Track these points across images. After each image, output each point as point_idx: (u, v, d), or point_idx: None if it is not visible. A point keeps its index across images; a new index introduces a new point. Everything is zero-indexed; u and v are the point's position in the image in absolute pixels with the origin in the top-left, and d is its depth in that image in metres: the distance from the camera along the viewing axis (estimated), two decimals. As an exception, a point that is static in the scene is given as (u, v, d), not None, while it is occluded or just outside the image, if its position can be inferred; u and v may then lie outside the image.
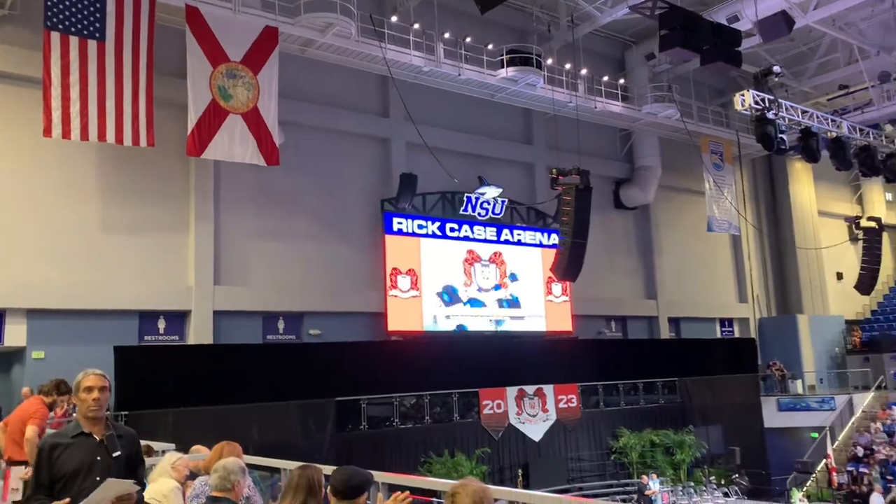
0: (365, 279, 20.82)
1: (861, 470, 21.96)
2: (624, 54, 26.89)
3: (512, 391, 20.48)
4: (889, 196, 36.53)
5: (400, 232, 21.33)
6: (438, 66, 20.05)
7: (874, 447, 23.18)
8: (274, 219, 19.56)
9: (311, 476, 4.24)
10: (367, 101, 21.77)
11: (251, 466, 5.09)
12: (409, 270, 21.29)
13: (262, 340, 18.96)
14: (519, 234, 23.98)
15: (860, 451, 23.20)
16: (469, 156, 23.14)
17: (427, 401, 19.21)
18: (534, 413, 20.74)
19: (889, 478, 21.45)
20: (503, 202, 23.13)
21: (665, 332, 27.57)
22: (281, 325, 19.45)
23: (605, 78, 23.94)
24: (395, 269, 21.01)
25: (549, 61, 22.31)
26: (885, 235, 27.64)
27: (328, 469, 4.22)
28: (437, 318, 21.65)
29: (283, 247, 19.55)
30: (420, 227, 21.74)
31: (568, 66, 22.72)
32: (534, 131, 25.33)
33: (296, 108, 19.50)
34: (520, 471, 19.37)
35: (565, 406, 21.36)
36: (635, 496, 19.54)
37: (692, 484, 21.03)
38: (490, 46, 21.10)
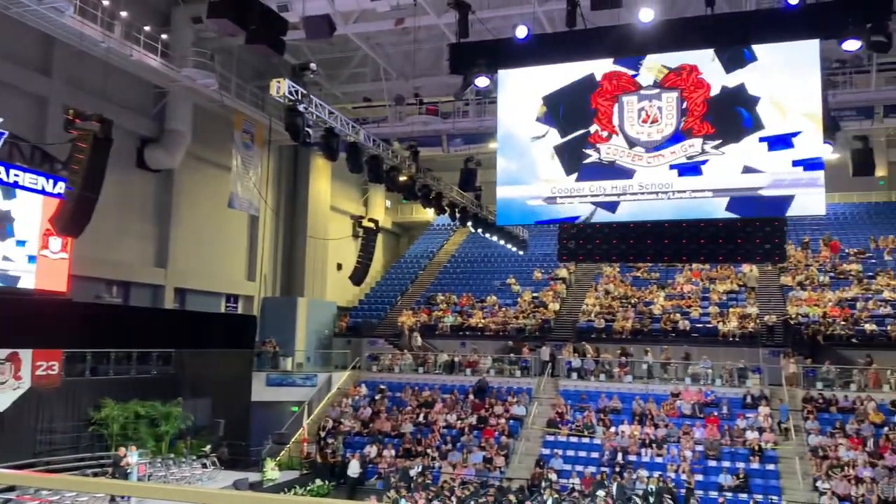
0: None
1: (328, 440, 24.66)
2: (171, 9, 25.57)
3: (-24, 354, 17.68)
4: (388, 203, 42.22)
5: None
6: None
7: (342, 420, 26.31)
8: None
9: None
10: None
11: None
12: None
13: None
14: (17, 175, 20.70)
15: (330, 423, 26.07)
16: (-38, 71, 19.32)
17: None
18: (3, 380, 18.29)
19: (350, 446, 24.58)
20: (2, 135, 19.76)
21: (170, 303, 26.98)
22: None
23: (147, 28, 22.43)
24: None
25: (86, -9, 19.99)
26: (379, 236, 31.77)
27: None
28: None
29: None
30: None
31: (107, 2, 20.66)
32: (54, 63, 22.40)
33: None
34: (-28, 445, 16.79)
35: (44, 373, 19.42)
36: (111, 469, 18.63)
37: (172, 456, 21.01)
38: (12, -50, 17.95)
